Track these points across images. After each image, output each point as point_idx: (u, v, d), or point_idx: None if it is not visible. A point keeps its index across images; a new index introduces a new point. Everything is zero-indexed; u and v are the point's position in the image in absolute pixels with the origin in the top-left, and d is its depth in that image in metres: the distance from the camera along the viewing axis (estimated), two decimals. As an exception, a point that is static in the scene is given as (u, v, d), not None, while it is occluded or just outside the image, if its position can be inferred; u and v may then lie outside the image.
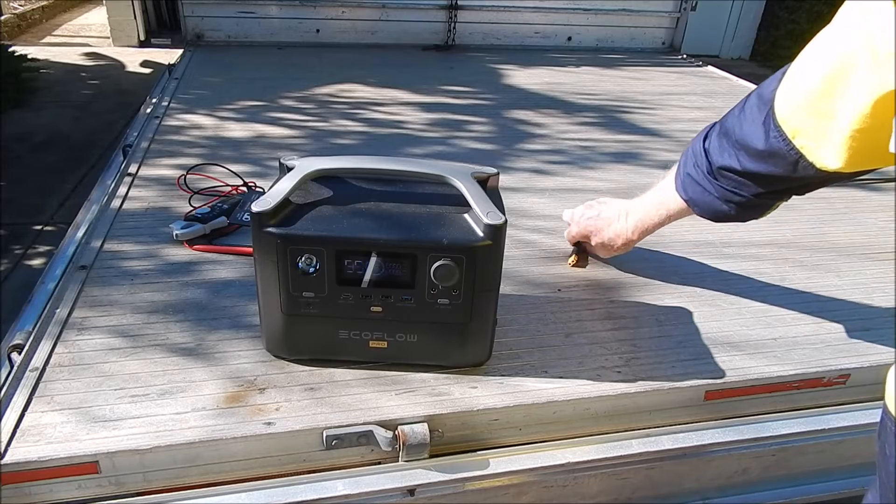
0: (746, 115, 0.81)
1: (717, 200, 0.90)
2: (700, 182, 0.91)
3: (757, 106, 0.79)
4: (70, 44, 5.70)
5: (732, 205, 0.88)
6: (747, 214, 0.91)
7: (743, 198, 0.87)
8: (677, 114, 2.44)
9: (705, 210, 0.93)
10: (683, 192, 0.95)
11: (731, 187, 0.87)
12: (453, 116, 2.24)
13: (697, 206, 0.94)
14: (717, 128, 0.89)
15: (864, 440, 1.06)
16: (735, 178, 0.85)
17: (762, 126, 0.77)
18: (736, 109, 0.84)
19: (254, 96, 2.32)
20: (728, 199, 0.88)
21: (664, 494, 1.03)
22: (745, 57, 6.56)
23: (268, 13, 3.20)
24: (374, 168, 0.95)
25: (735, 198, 0.87)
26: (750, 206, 0.88)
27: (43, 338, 1.00)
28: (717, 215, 0.92)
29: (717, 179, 0.88)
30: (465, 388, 0.95)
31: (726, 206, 0.89)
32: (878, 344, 1.11)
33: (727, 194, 0.88)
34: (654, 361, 1.03)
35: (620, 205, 1.15)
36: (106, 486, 0.83)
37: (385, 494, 0.86)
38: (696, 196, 0.93)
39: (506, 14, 3.40)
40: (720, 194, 0.89)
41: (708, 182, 0.90)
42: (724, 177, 0.87)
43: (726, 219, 0.92)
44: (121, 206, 1.44)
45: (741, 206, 0.88)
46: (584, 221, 1.20)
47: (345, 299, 0.90)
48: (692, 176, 0.92)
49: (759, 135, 0.78)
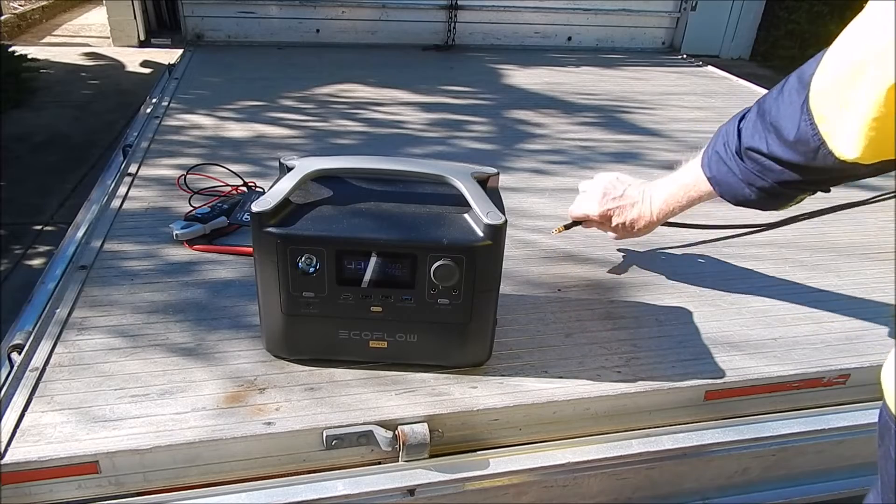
0: (784, 97, 0.79)
1: (739, 182, 0.88)
2: (726, 161, 0.90)
3: (796, 89, 0.77)
4: (70, 44, 5.70)
5: (754, 189, 0.87)
6: (768, 202, 0.89)
7: (765, 183, 0.85)
8: (677, 114, 2.44)
9: (727, 191, 0.92)
10: (708, 169, 0.94)
11: (755, 170, 0.85)
12: (453, 116, 2.24)
13: (720, 186, 0.93)
14: (755, 107, 0.87)
15: (864, 440, 1.06)
16: (760, 162, 0.84)
17: (799, 109, 0.75)
18: (775, 91, 0.82)
19: (254, 96, 2.32)
20: (750, 183, 0.87)
21: (664, 494, 1.03)
22: (745, 57, 6.56)
23: (268, 13, 3.20)
24: (374, 168, 0.95)
25: (758, 182, 0.86)
26: (771, 194, 0.86)
27: (43, 338, 1.00)
28: (737, 198, 0.91)
29: (743, 160, 0.87)
30: (465, 388, 0.95)
31: (748, 190, 0.88)
32: (878, 344, 1.11)
33: (751, 177, 0.86)
34: (654, 361, 1.03)
35: (643, 186, 1.13)
36: (106, 486, 0.83)
37: (385, 494, 0.86)
38: (720, 175, 0.92)
39: (506, 14, 3.40)
40: (744, 176, 0.87)
41: (734, 162, 0.88)
42: (750, 158, 0.86)
43: (746, 203, 0.91)
44: (121, 206, 1.44)
45: (762, 192, 0.87)
46: (608, 202, 1.15)
47: (345, 299, 0.90)
48: (720, 154, 0.91)
49: (794, 119, 0.76)
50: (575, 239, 1.41)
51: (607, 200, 1.15)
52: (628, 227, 1.14)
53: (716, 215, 1.38)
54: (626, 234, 1.18)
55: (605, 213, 1.16)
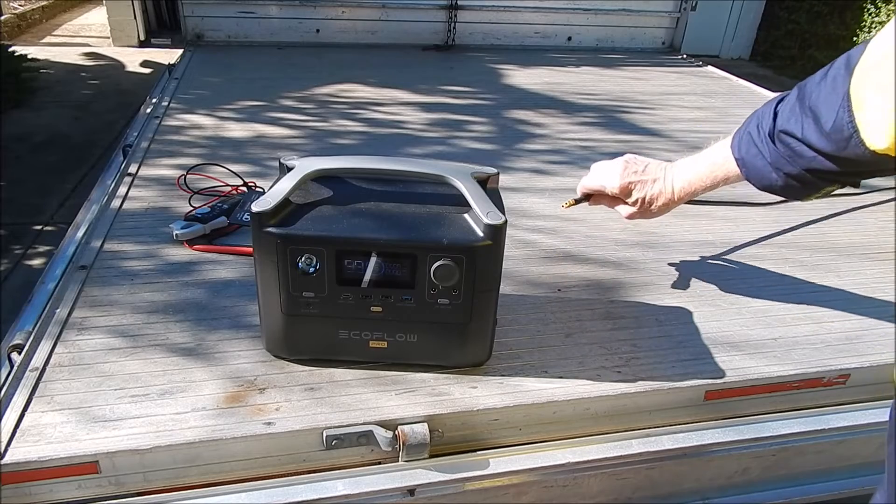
0: (828, 82, 0.76)
1: (768, 166, 0.86)
2: (757, 143, 0.87)
3: (842, 74, 0.74)
4: (70, 44, 5.70)
5: (781, 174, 0.85)
6: (793, 190, 0.87)
7: (794, 169, 0.83)
8: (677, 114, 2.44)
9: (754, 174, 0.90)
10: (737, 149, 0.92)
11: (786, 155, 0.83)
12: (453, 116, 2.24)
13: (747, 169, 0.91)
14: (795, 91, 0.84)
15: (864, 440, 1.06)
16: (792, 146, 0.82)
17: (841, 96, 0.73)
18: (818, 75, 0.79)
19: (254, 96, 2.32)
20: (779, 167, 0.85)
21: (664, 494, 1.03)
22: (745, 57, 6.56)
23: (268, 13, 3.20)
24: (374, 168, 0.95)
25: (787, 167, 0.84)
26: (799, 181, 0.84)
27: (43, 338, 1.00)
28: (763, 182, 0.89)
29: (774, 144, 0.85)
30: (465, 388, 0.95)
31: (775, 174, 0.86)
32: (878, 344, 1.11)
33: (780, 161, 0.84)
34: (654, 361, 1.03)
35: (663, 164, 1.10)
36: (106, 486, 0.83)
37: (385, 494, 0.86)
38: (748, 157, 0.89)
39: (506, 14, 3.40)
40: (773, 160, 0.85)
41: (765, 144, 0.86)
42: (782, 142, 0.83)
43: (772, 189, 0.89)
44: (121, 206, 1.44)
45: (790, 178, 0.84)
46: (629, 175, 1.09)
47: (345, 299, 0.90)
48: (752, 135, 0.89)
49: (834, 105, 0.74)
50: (575, 239, 1.41)
51: (629, 174, 1.09)
52: (646, 204, 1.09)
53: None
54: (643, 213, 1.11)
55: (625, 185, 1.09)
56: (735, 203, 1.32)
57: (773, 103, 0.87)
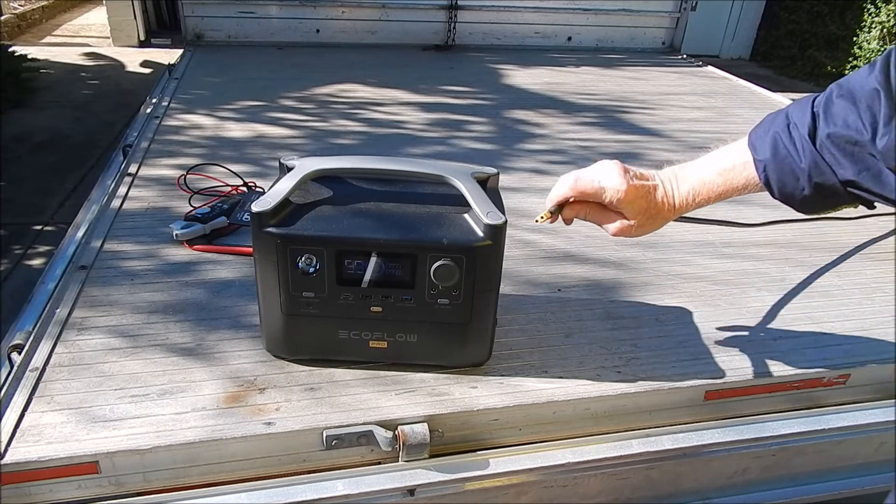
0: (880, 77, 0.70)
1: (798, 172, 0.78)
2: (788, 146, 0.79)
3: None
4: (70, 44, 5.70)
5: (812, 184, 0.77)
6: (814, 202, 0.80)
7: (829, 179, 0.76)
8: (677, 114, 2.44)
9: (778, 180, 0.81)
10: (761, 151, 0.82)
11: (829, 161, 0.75)
12: (453, 116, 2.24)
13: (770, 173, 0.81)
14: (835, 90, 0.77)
15: (864, 440, 1.06)
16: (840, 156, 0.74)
17: None
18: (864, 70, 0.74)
19: (254, 96, 2.32)
20: (812, 176, 0.77)
21: (664, 494, 1.03)
22: (745, 57, 6.56)
23: (268, 13, 3.20)
24: (374, 168, 0.95)
25: (822, 177, 0.76)
26: (825, 194, 0.78)
27: (43, 338, 1.00)
28: (786, 191, 0.81)
29: (816, 147, 0.76)
30: (465, 388, 0.95)
31: (805, 183, 0.78)
32: (878, 344, 1.11)
33: (817, 169, 0.76)
34: (654, 361, 1.03)
35: (654, 171, 0.93)
36: (106, 486, 0.83)
37: (385, 494, 0.86)
38: (776, 161, 0.80)
39: (506, 14, 3.40)
40: (808, 165, 0.77)
41: (803, 149, 0.77)
42: (826, 148, 0.75)
43: (792, 199, 0.81)
44: (121, 206, 1.44)
45: (820, 189, 0.77)
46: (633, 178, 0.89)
47: (345, 299, 0.90)
48: (780, 137, 0.80)
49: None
50: (575, 239, 1.41)
51: (632, 176, 0.89)
52: (651, 214, 0.90)
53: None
54: (641, 226, 0.91)
55: (634, 188, 0.88)
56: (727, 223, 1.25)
57: (807, 103, 0.80)
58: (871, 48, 5.41)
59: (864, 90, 0.72)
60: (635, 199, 0.88)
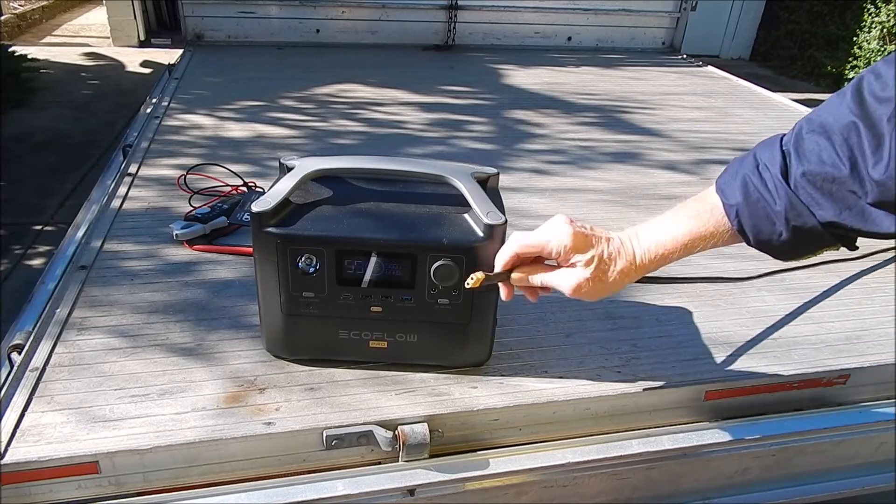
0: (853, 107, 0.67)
1: (774, 216, 0.72)
2: (760, 188, 0.73)
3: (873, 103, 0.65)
4: (70, 44, 5.70)
5: (790, 228, 0.72)
6: (793, 247, 0.75)
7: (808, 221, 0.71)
8: (677, 114, 2.44)
9: (752, 224, 0.75)
10: (730, 196, 0.76)
11: (806, 202, 0.70)
12: (453, 116, 2.24)
13: (743, 218, 0.75)
14: (804, 125, 0.72)
15: (864, 440, 1.06)
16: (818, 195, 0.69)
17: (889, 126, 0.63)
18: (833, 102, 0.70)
19: (254, 96, 2.32)
20: (789, 219, 0.72)
21: (664, 494, 1.03)
22: (745, 57, 6.56)
23: (268, 13, 3.20)
24: (374, 168, 0.95)
25: (800, 219, 0.71)
26: (807, 235, 0.72)
27: (43, 338, 1.00)
28: (761, 236, 0.75)
29: (790, 186, 0.71)
30: (465, 388, 0.95)
31: (780, 227, 0.72)
32: (878, 344, 1.11)
33: (794, 211, 0.71)
34: (654, 361, 1.03)
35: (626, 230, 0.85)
36: (106, 486, 0.83)
37: (385, 494, 0.86)
38: (748, 205, 0.74)
39: (506, 14, 3.39)
40: (784, 207, 0.71)
41: (777, 187, 0.72)
42: (803, 188, 0.70)
43: (769, 244, 0.75)
44: (121, 206, 1.44)
45: (799, 232, 0.72)
46: (582, 228, 0.81)
47: (345, 299, 0.90)
48: (751, 179, 0.74)
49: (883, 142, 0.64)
50: (575, 239, 1.41)
51: (578, 226, 0.82)
52: (604, 265, 0.81)
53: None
54: (597, 280, 0.81)
55: (580, 235, 0.81)
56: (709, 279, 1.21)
57: (773, 143, 0.75)
58: (871, 48, 5.41)
59: (839, 123, 0.68)
60: (584, 247, 0.80)
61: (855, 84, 0.68)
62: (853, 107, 0.66)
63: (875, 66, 0.66)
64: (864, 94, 0.66)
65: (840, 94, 0.69)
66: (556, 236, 0.81)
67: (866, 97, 0.66)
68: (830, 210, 0.70)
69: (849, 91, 0.68)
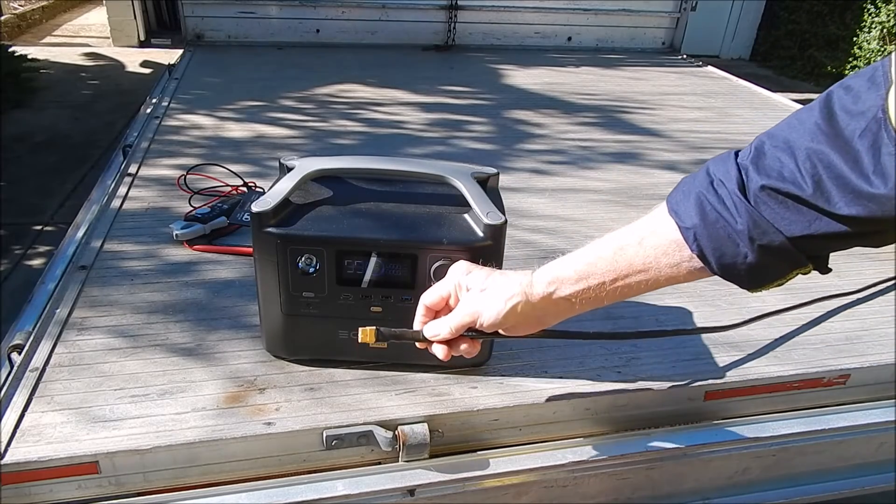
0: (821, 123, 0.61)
1: (735, 235, 0.65)
2: (718, 207, 0.65)
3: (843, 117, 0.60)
4: (70, 44, 5.70)
5: (755, 247, 0.64)
6: (761, 271, 0.67)
7: (775, 238, 0.64)
8: (677, 114, 2.44)
9: (712, 247, 0.66)
10: (687, 216, 0.67)
11: (769, 219, 0.63)
12: (453, 116, 2.24)
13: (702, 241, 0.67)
14: (765, 139, 0.66)
15: (864, 440, 1.06)
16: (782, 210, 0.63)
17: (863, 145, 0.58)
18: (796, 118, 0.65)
19: (254, 96, 2.32)
20: (753, 238, 0.64)
21: (664, 494, 1.03)
22: (745, 57, 6.56)
23: (268, 13, 3.20)
24: (374, 168, 0.95)
25: (766, 237, 0.64)
26: (775, 255, 0.65)
27: (43, 338, 1.00)
28: (724, 260, 0.66)
29: (750, 202, 0.64)
30: (465, 388, 0.95)
31: (744, 248, 0.65)
32: (878, 344, 1.11)
33: (759, 229, 0.64)
34: (654, 361, 1.03)
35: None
36: (106, 486, 0.83)
37: (385, 494, 0.86)
38: (706, 224, 0.66)
39: (506, 14, 3.40)
40: (746, 226, 0.64)
41: (734, 204, 0.65)
42: (765, 203, 0.63)
43: (734, 269, 0.67)
44: (121, 206, 1.44)
45: (764, 253, 0.65)
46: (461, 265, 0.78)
47: (345, 299, 0.90)
48: (705, 197, 0.66)
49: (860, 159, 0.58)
50: (575, 239, 1.41)
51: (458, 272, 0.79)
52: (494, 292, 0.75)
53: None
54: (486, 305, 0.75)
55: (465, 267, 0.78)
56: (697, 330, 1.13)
57: (727, 157, 0.68)
58: (871, 48, 5.41)
59: (804, 140, 0.62)
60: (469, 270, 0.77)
61: (823, 99, 0.62)
62: (822, 123, 0.61)
63: (844, 80, 0.62)
64: (835, 108, 0.61)
65: (807, 108, 0.64)
66: (448, 277, 0.79)
67: (836, 112, 0.60)
68: (798, 224, 0.63)
69: (817, 106, 0.62)
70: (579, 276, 0.73)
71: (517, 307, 0.75)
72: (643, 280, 0.72)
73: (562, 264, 0.74)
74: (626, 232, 0.72)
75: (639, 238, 0.70)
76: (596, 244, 0.73)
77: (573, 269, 0.73)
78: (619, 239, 0.72)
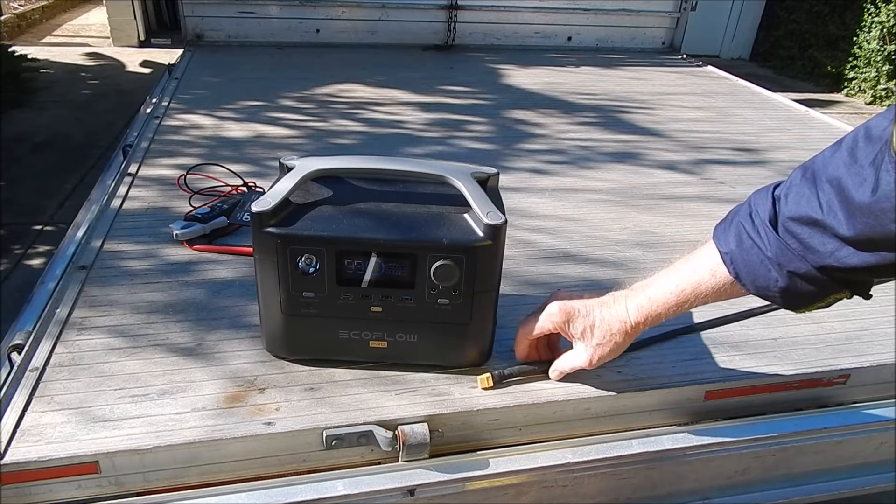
0: (844, 154, 0.66)
1: (767, 262, 0.72)
2: (752, 234, 0.74)
3: (863, 146, 0.64)
4: (70, 44, 5.70)
5: (785, 273, 0.71)
6: (794, 295, 0.74)
7: (801, 266, 0.70)
8: (677, 114, 2.44)
9: (747, 272, 0.75)
10: (724, 243, 0.77)
11: (795, 248, 0.70)
12: (453, 116, 2.24)
13: (737, 265, 0.75)
14: (799, 173, 0.72)
15: (864, 440, 1.06)
16: (805, 238, 0.69)
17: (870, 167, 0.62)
18: (828, 151, 0.70)
19: (253, 96, 2.32)
20: (782, 264, 0.71)
21: (664, 494, 1.03)
22: (745, 57, 6.56)
23: (268, 13, 3.20)
24: (374, 168, 0.95)
25: (793, 263, 0.70)
26: (805, 281, 0.71)
27: (43, 338, 1.00)
28: (758, 283, 0.74)
29: (778, 233, 0.71)
30: (465, 388, 0.95)
31: (776, 273, 0.72)
32: (878, 344, 1.11)
33: (785, 256, 0.70)
34: (654, 361, 1.03)
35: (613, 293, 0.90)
36: (106, 486, 0.83)
37: (385, 494, 0.86)
38: (740, 252, 0.75)
39: (506, 14, 3.39)
40: (775, 253, 0.71)
41: (765, 235, 0.72)
42: (790, 232, 0.70)
43: (768, 292, 0.75)
44: (121, 206, 1.44)
45: (795, 277, 0.71)
46: (565, 299, 0.91)
47: (345, 299, 0.90)
48: (743, 226, 0.75)
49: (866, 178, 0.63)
50: (575, 239, 1.41)
51: (564, 297, 0.92)
52: (598, 332, 0.88)
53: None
54: (601, 347, 0.89)
55: (567, 310, 0.89)
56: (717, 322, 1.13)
57: (767, 190, 0.76)
58: (871, 48, 5.41)
59: (827, 171, 0.68)
60: (571, 318, 0.90)
61: (852, 134, 0.68)
62: (846, 153, 0.66)
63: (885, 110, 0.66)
64: (859, 137, 0.66)
65: (836, 143, 0.69)
66: (546, 316, 0.91)
67: (860, 140, 0.65)
68: (820, 254, 0.69)
69: (845, 141, 0.68)
70: (659, 314, 0.85)
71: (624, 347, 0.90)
72: (703, 298, 0.82)
73: (648, 300, 0.85)
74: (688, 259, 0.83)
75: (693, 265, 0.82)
76: (668, 272, 0.84)
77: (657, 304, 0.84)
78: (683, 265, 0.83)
